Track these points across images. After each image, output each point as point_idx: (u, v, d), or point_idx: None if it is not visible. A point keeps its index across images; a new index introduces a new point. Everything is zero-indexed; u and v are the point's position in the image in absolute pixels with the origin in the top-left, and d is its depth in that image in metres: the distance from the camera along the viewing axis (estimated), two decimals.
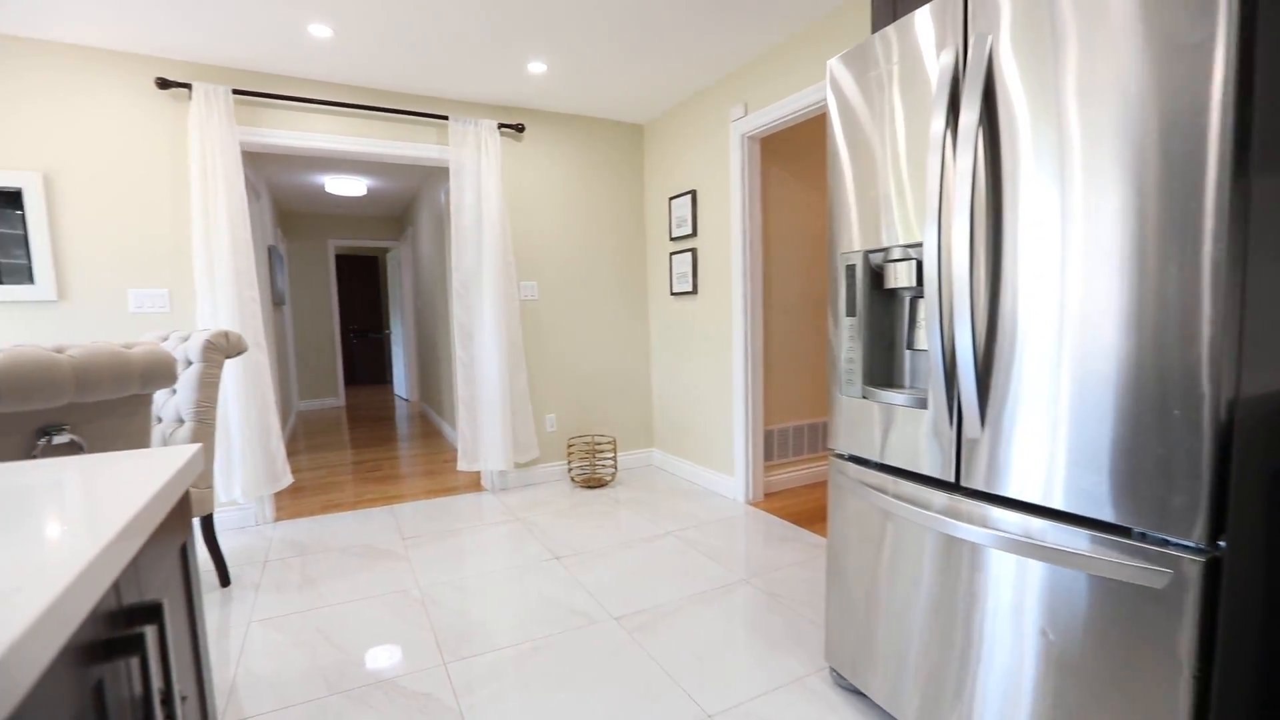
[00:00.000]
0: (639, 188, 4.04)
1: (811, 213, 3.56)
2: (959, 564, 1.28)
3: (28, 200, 2.66)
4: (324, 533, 2.98)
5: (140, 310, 2.86)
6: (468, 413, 3.57)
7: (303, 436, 5.40)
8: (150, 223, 2.86)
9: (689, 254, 3.62)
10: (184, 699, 0.80)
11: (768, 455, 3.49)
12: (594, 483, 3.69)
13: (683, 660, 1.85)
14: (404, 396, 7.50)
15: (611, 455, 3.87)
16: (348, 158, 3.35)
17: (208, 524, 2.37)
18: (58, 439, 1.40)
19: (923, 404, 1.36)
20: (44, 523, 0.59)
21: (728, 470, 3.46)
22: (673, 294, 3.81)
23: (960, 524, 1.24)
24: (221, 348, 2.39)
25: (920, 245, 1.35)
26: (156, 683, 0.67)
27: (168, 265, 2.90)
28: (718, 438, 3.53)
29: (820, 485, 3.60)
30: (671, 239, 3.78)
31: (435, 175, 4.99)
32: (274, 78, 3.05)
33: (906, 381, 1.51)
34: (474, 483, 3.81)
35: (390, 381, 9.31)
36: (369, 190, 5.79)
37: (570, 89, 3.37)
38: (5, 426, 1.32)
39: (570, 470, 3.79)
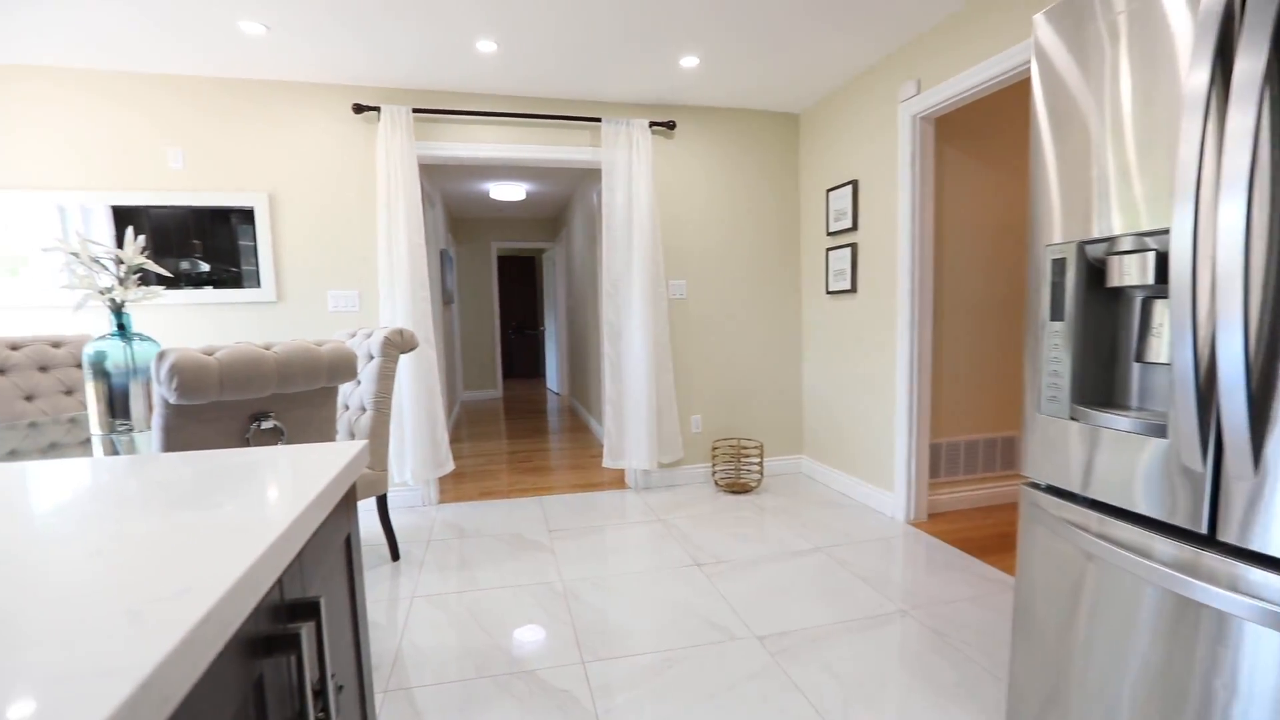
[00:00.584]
0: (793, 181, 3.84)
1: (997, 200, 3.12)
2: (1194, 633, 1.00)
3: (258, 217, 3.13)
4: (480, 518, 3.18)
5: (336, 309, 3.25)
6: (614, 410, 3.63)
7: (466, 425, 5.88)
8: (344, 233, 3.24)
9: (848, 249, 3.36)
10: (340, 688, 0.83)
11: (933, 471, 3.14)
12: (738, 488, 3.57)
13: (831, 695, 1.69)
14: (555, 390, 7.90)
15: (758, 460, 3.72)
16: (509, 164, 3.54)
17: (382, 503, 2.62)
18: (265, 424, 1.60)
19: (1158, 431, 1.08)
20: (214, 521, 0.63)
21: (886, 485, 3.16)
22: (828, 292, 3.56)
23: (1203, 585, 0.96)
24: (397, 344, 2.63)
25: (1161, 233, 1.07)
26: (313, 674, 0.69)
27: (357, 270, 3.27)
28: (876, 449, 3.24)
29: (998, 510, 3.16)
30: (828, 234, 3.54)
31: (588, 177, 5.16)
32: (446, 94, 3.30)
33: (1133, 402, 1.22)
34: (618, 480, 3.86)
35: (543, 376, 9.87)
36: (528, 194, 6.14)
37: (722, 81, 3.27)
38: (228, 412, 1.53)
39: (714, 473, 3.70)
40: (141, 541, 0.57)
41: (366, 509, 3.29)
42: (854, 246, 3.30)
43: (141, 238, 2.09)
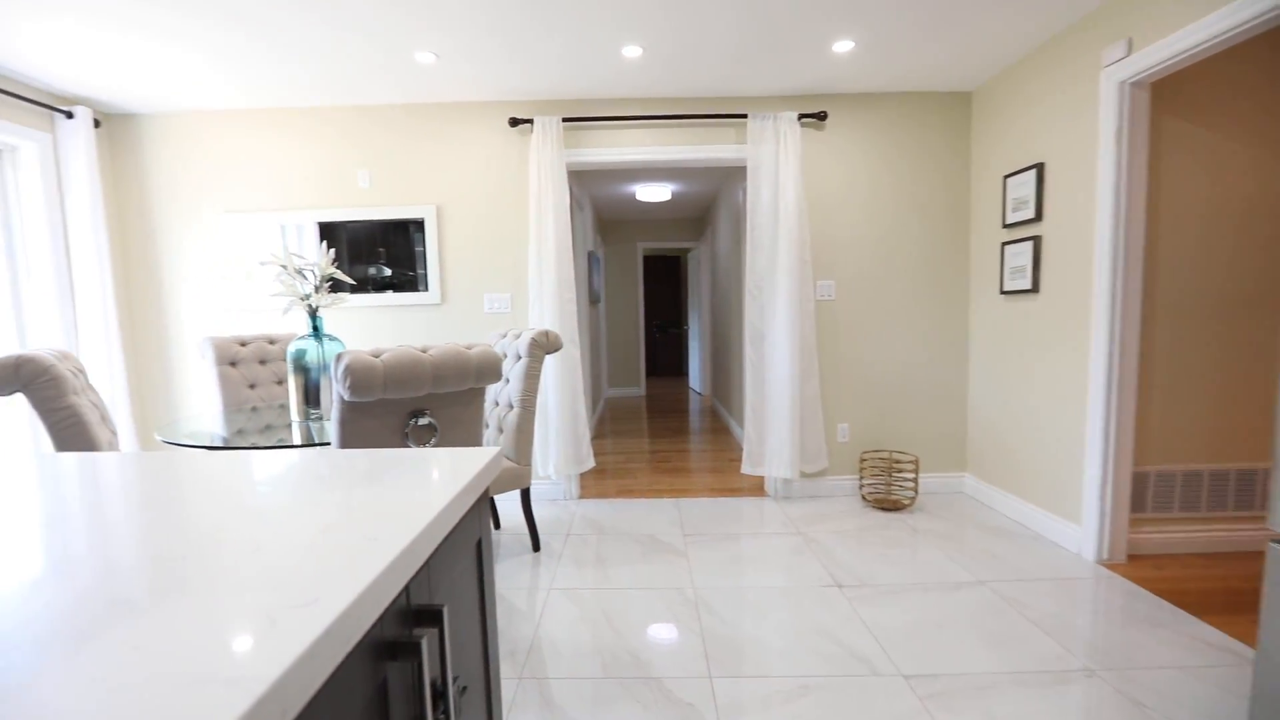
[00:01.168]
0: (962, 168, 3.44)
1: (1243, 177, 2.55)
2: None
3: (427, 227, 3.46)
4: (617, 516, 3.25)
5: (491, 311, 3.50)
6: (755, 415, 3.52)
7: (609, 422, 6.07)
8: (499, 239, 3.47)
9: (1028, 243, 2.94)
10: (464, 690, 0.86)
11: (1137, 505, 2.64)
12: (889, 504, 3.29)
13: None
14: (697, 390, 7.89)
15: (912, 476, 3.41)
16: (654, 166, 3.56)
17: (526, 495, 2.77)
18: (421, 421, 1.74)
19: None
20: (351, 530, 0.66)
21: (1071, 516, 2.73)
22: (1003, 292, 3.15)
23: None
24: (543, 345, 2.75)
25: None
26: (434, 678, 0.71)
27: (509, 274, 3.48)
28: (1059, 472, 2.80)
29: (1227, 559, 2.58)
30: (1005, 226, 3.12)
31: (733, 175, 5.06)
32: (592, 102, 3.40)
33: None
34: (757, 487, 3.75)
35: (686, 374, 9.92)
36: (673, 195, 6.18)
37: (881, 63, 3.02)
38: (390, 409, 1.69)
39: (862, 487, 3.45)
40: (284, 546, 0.61)
41: (511, 499, 3.51)
42: (1036, 240, 2.88)
43: (333, 251, 2.39)
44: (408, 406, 1.71)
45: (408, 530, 0.65)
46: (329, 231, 3.46)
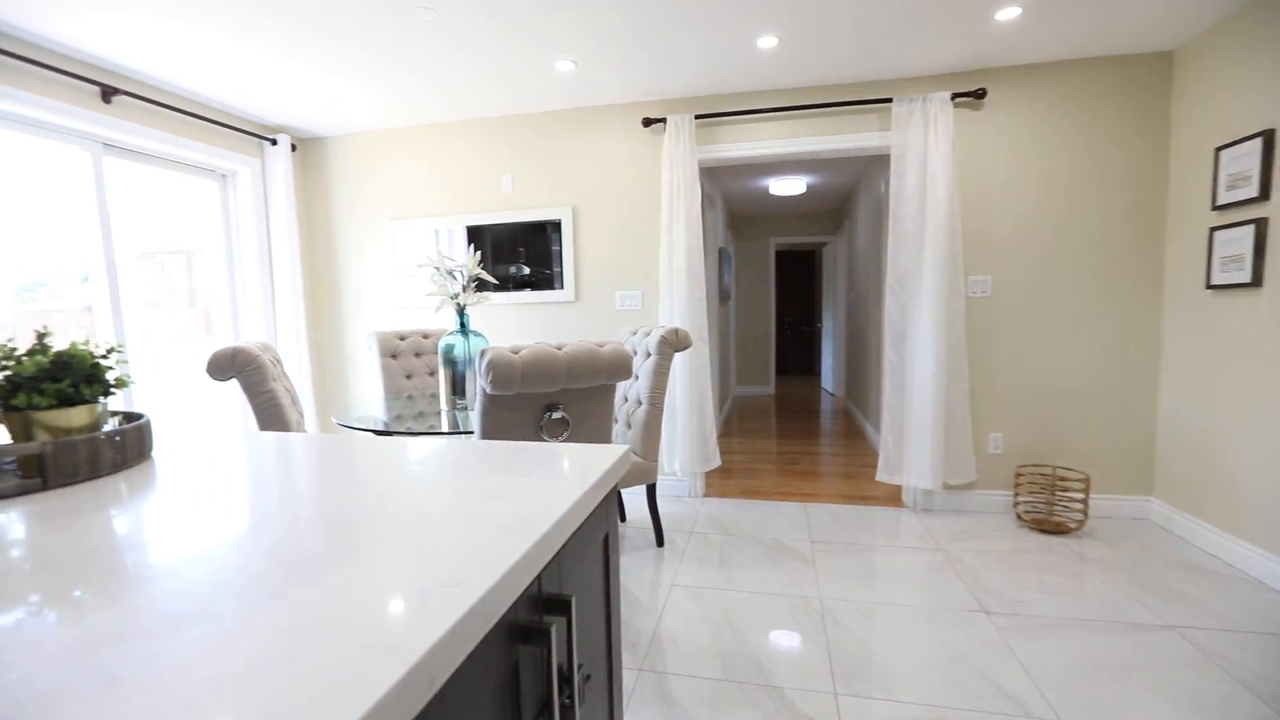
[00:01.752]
0: (1158, 141, 2.96)
1: None
2: None
3: (563, 228, 3.62)
4: (742, 517, 3.20)
5: (623, 308, 3.59)
6: (893, 420, 3.29)
7: (736, 420, 5.99)
8: (631, 238, 3.55)
9: (1248, 227, 2.46)
10: (588, 677, 0.89)
11: None
12: (1050, 526, 2.93)
13: None
14: (830, 390, 7.55)
15: (1081, 496, 3.01)
16: (789, 159, 3.45)
17: (651, 491, 2.81)
18: (554, 415, 1.83)
19: None
20: (492, 519, 0.71)
21: None
22: (1210, 286, 2.67)
23: None
24: (672, 343, 2.78)
25: None
26: (562, 664, 0.75)
27: (641, 272, 3.55)
28: None
29: None
30: (1216, 207, 2.64)
31: (875, 165, 4.76)
32: (725, 97, 3.36)
33: None
34: (893, 496, 3.51)
35: (818, 374, 9.54)
36: (808, 187, 5.95)
37: (1054, 28, 2.68)
38: (526, 402, 1.79)
39: (1017, 504, 3.11)
40: (433, 529, 0.67)
41: (637, 494, 3.58)
42: (1260, 223, 2.40)
43: (479, 253, 2.58)
44: (543, 401, 1.80)
45: (541, 522, 0.68)
46: (476, 234, 3.74)
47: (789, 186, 5.65)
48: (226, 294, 3.61)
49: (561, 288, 3.67)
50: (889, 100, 3.13)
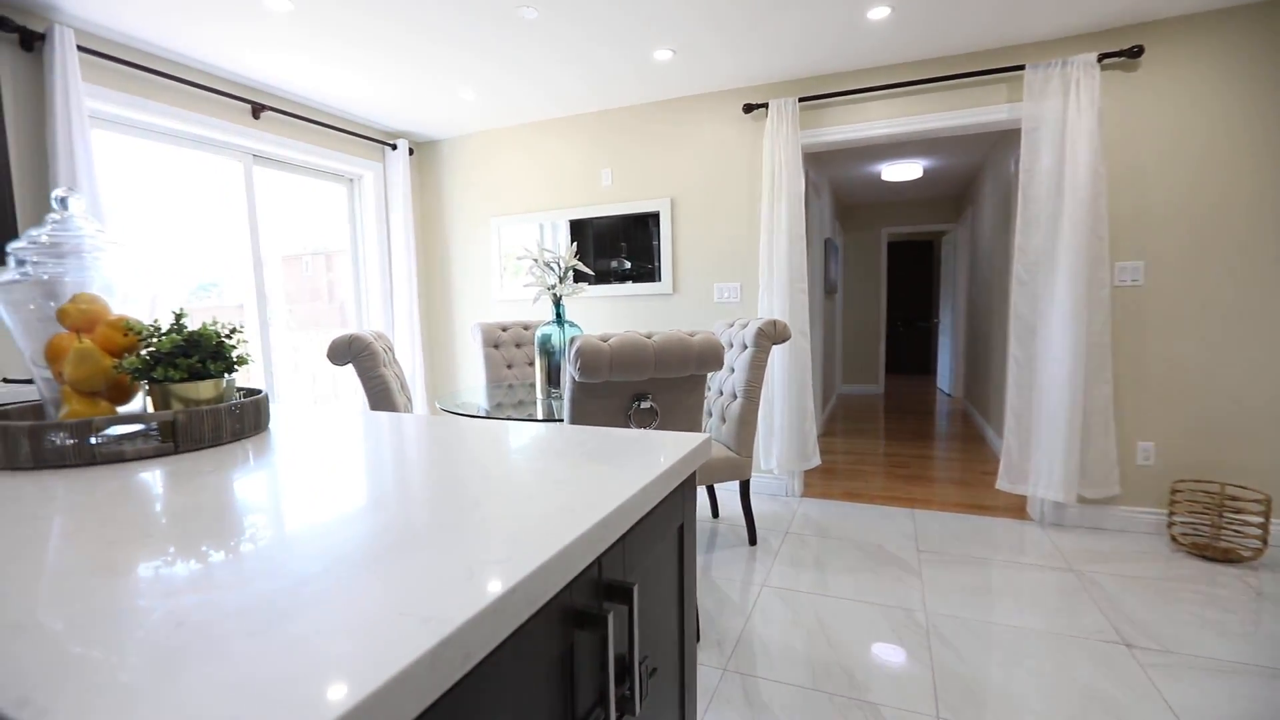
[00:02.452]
0: None
1: None
2: None
3: (661, 220, 3.61)
4: (842, 520, 3.03)
5: (720, 301, 3.52)
6: (1017, 423, 2.98)
7: (840, 419, 5.71)
8: (730, 229, 3.46)
9: None
10: (653, 671, 0.86)
11: None
12: (1215, 553, 2.52)
13: None
14: (946, 390, 7.01)
15: (1260, 520, 2.57)
16: (904, 139, 3.22)
17: (745, 488, 2.73)
18: (643, 404, 1.81)
19: None
20: (547, 498, 0.70)
21: None
22: None
23: None
24: (769, 335, 2.68)
25: None
26: (621, 653, 0.72)
27: (740, 263, 3.46)
28: None
29: None
30: None
31: (1003, 143, 4.34)
32: (830, 77, 3.18)
33: None
34: (1016, 507, 3.18)
35: (932, 373, 8.89)
36: (925, 172, 5.54)
37: None
38: (615, 391, 1.79)
39: (1171, 524, 2.71)
40: (491, 509, 0.67)
41: (730, 490, 3.50)
42: None
43: (575, 245, 2.62)
44: (632, 390, 1.79)
45: (601, 507, 0.66)
46: (578, 228, 3.82)
47: (903, 171, 5.29)
48: (353, 289, 3.94)
49: (659, 280, 3.66)
50: (1020, 68, 2.82)
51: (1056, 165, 2.79)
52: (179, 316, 1.05)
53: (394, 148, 3.91)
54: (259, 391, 1.20)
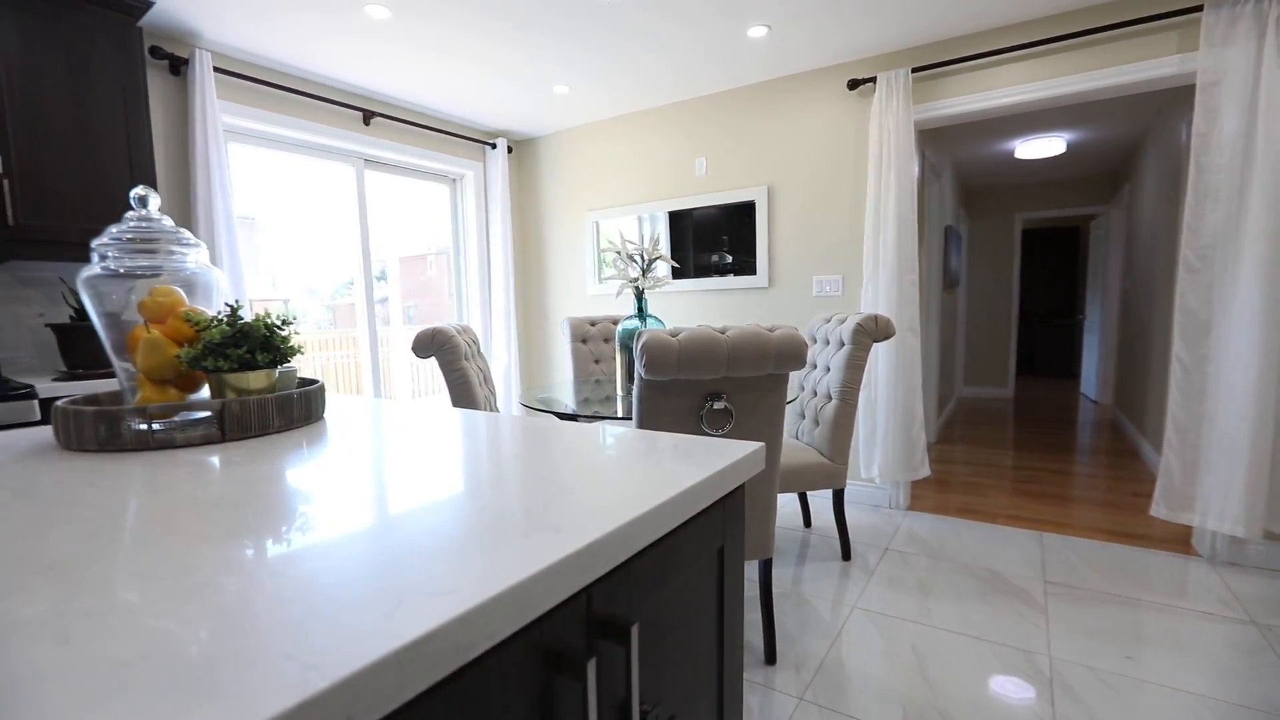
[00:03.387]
0: None
1: None
2: None
3: (757, 210, 3.41)
4: (953, 538, 2.70)
5: (820, 294, 3.27)
6: (1181, 437, 2.50)
7: (960, 425, 5.18)
8: (831, 217, 3.21)
9: None
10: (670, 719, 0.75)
11: None
12: None
13: None
14: (1091, 397, 6.16)
15: None
16: (1041, 108, 2.81)
17: (839, 497, 2.50)
18: (716, 405, 1.68)
19: None
20: (534, 514, 0.60)
21: None
22: None
23: None
24: (870, 332, 2.43)
25: None
26: (617, 701, 0.61)
27: (842, 253, 3.19)
28: None
29: None
30: None
31: (1171, 107, 3.69)
32: (950, 42, 2.84)
33: None
34: (1177, 538, 2.68)
35: (1075, 376, 7.87)
36: (1069, 147, 4.86)
37: None
38: (686, 390, 1.67)
39: None
40: (472, 522, 0.58)
41: (823, 497, 3.25)
42: None
43: (658, 237, 2.52)
44: (705, 389, 1.67)
45: (590, 530, 0.56)
46: (677, 220, 3.68)
47: (1041, 147, 4.67)
48: (454, 286, 4.11)
49: (755, 274, 3.47)
50: (1197, 9, 2.34)
51: (1244, 128, 2.29)
52: (234, 309, 1.07)
53: (493, 146, 4.02)
54: (315, 382, 1.21)
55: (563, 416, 2.16)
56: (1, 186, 2.06)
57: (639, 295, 2.48)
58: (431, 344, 2.20)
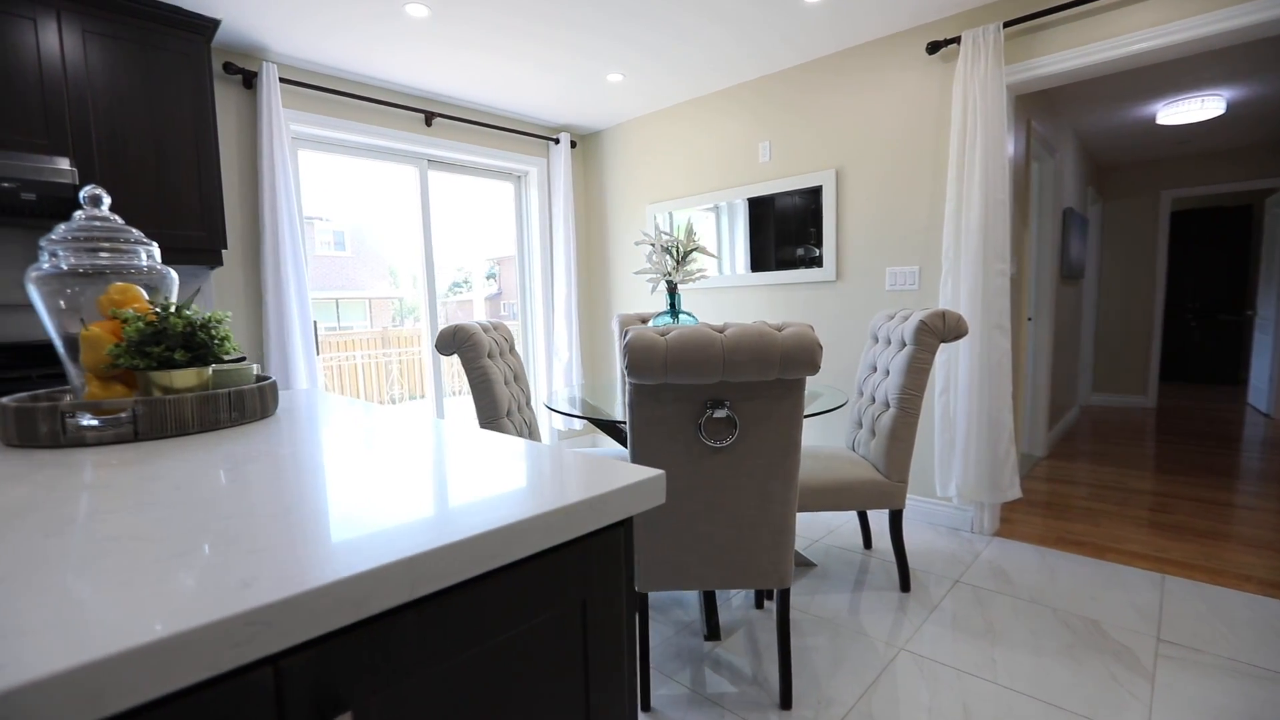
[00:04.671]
0: None
1: None
2: None
3: (824, 195, 3.11)
4: (1044, 574, 2.29)
5: (894, 288, 2.92)
6: None
7: (1081, 438, 4.48)
8: (907, 201, 2.85)
9: None
10: None
11: None
12: None
13: None
14: (1262, 409, 5.13)
15: None
16: (1184, 53, 2.29)
17: (896, 520, 2.19)
18: (717, 413, 1.49)
19: None
20: (239, 543, 0.47)
21: None
22: None
23: None
24: (936, 330, 2.11)
25: None
26: None
27: (920, 242, 2.83)
28: None
29: None
30: None
31: None
32: None
33: None
34: None
35: (1242, 383, 6.62)
36: (1228, 107, 4.04)
37: None
38: (682, 395, 1.49)
39: None
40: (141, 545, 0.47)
41: (879, 518, 2.89)
42: None
43: (695, 227, 2.33)
44: (705, 394, 1.48)
45: (277, 587, 0.43)
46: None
47: (1190, 110, 3.92)
48: (519, 282, 4.13)
49: (821, 267, 3.17)
50: None
51: None
52: (166, 309, 1.05)
53: (556, 142, 3.98)
54: (267, 379, 1.18)
55: (600, 424, 2.05)
56: None
57: (671, 290, 2.31)
58: (453, 341, 2.17)
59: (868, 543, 2.60)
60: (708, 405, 1.50)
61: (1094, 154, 5.17)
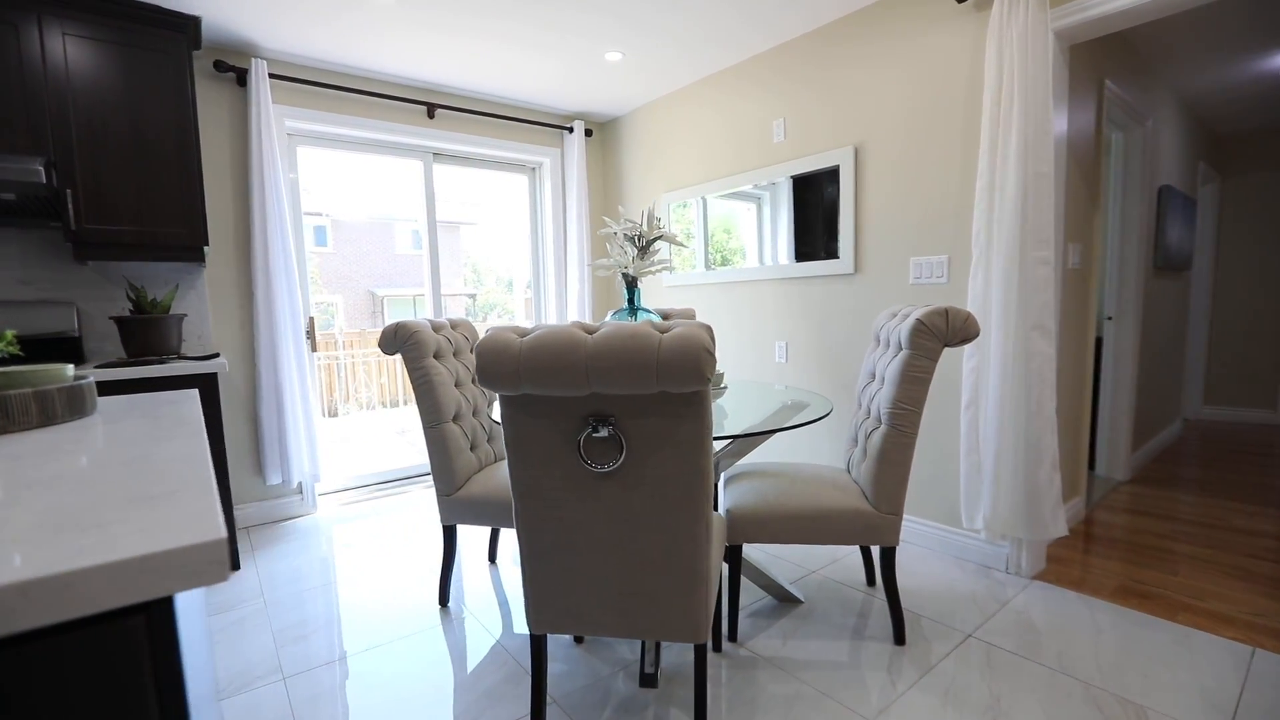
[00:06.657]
0: None
1: None
2: None
3: (842, 177, 2.73)
4: (1086, 635, 1.84)
5: (919, 280, 2.51)
6: None
7: (1178, 459, 3.76)
8: (935, 181, 2.43)
9: None
10: None
11: None
12: None
13: None
14: None
15: None
16: None
17: (888, 559, 1.82)
18: (597, 433, 1.23)
19: None
20: None
21: None
22: None
23: None
24: (936, 331, 1.74)
25: None
26: None
27: (950, 227, 2.40)
28: None
29: None
30: None
31: None
32: None
33: None
34: None
35: None
36: None
37: None
38: (559, 409, 1.25)
39: None
40: None
41: (906, 542, 2.47)
42: None
43: (658, 215, 2.06)
44: (585, 408, 1.23)
45: None
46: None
47: None
48: (532, 276, 3.99)
49: (837, 258, 2.79)
50: None
51: None
52: None
53: (570, 130, 3.80)
54: (84, 379, 1.07)
55: None
56: (65, 196, 2.32)
57: (630, 284, 2.05)
58: (395, 340, 2.03)
59: (870, 579, 2.23)
60: (589, 421, 1.24)
61: (1206, 121, 4.35)
